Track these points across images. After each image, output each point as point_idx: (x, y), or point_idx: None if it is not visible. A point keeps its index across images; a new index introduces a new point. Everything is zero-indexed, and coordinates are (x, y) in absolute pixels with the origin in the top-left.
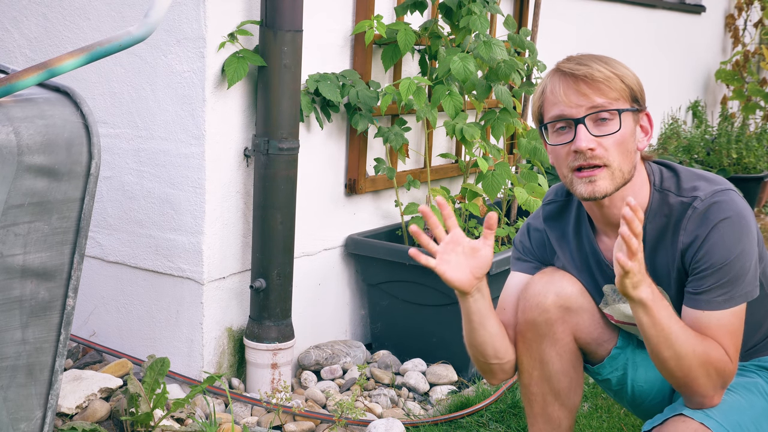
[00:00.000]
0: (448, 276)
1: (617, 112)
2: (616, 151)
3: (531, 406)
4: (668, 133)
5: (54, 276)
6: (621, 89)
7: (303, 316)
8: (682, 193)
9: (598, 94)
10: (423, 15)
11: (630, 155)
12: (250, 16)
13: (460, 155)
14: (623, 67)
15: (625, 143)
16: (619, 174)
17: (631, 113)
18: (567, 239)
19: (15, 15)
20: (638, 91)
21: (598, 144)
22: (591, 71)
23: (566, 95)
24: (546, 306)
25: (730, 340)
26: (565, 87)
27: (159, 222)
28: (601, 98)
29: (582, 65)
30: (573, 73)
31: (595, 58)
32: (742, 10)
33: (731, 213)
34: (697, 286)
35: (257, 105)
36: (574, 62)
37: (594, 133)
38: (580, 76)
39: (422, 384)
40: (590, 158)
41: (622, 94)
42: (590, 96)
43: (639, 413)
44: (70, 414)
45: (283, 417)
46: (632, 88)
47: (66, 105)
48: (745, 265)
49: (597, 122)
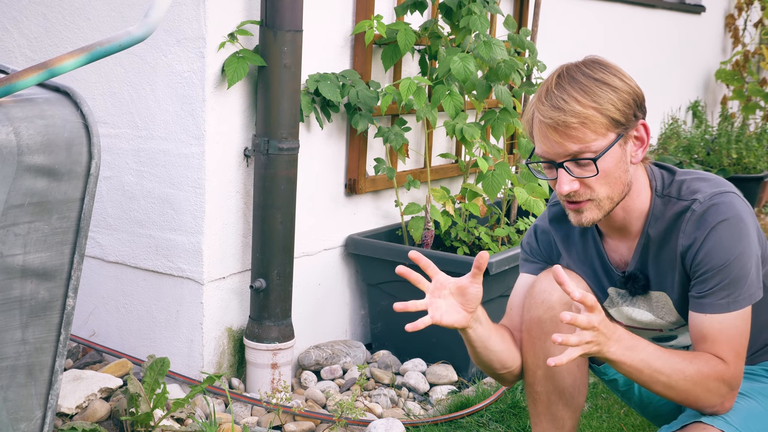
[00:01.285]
0: (444, 321)
1: (593, 157)
2: (599, 186)
3: (535, 405)
4: (668, 133)
5: (54, 276)
6: (602, 123)
7: (303, 316)
8: (682, 197)
9: (573, 141)
10: (423, 15)
11: (620, 179)
12: (250, 16)
13: (460, 155)
14: (608, 88)
15: (608, 176)
16: (608, 202)
17: (619, 139)
18: (572, 240)
19: (15, 15)
20: (625, 111)
21: (581, 184)
22: (565, 117)
23: (545, 141)
24: (552, 303)
25: (732, 344)
26: (543, 134)
27: (159, 222)
28: (577, 145)
29: (557, 109)
30: (547, 122)
31: (576, 89)
32: (742, 10)
33: (729, 215)
34: (699, 289)
35: (257, 105)
36: (549, 105)
37: (575, 175)
38: (553, 125)
39: (422, 384)
40: (575, 196)
41: (604, 127)
42: (565, 144)
43: (647, 415)
44: (70, 414)
45: (283, 417)
46: (612, 116)
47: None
48: (746, 267)
49: (578, 163)
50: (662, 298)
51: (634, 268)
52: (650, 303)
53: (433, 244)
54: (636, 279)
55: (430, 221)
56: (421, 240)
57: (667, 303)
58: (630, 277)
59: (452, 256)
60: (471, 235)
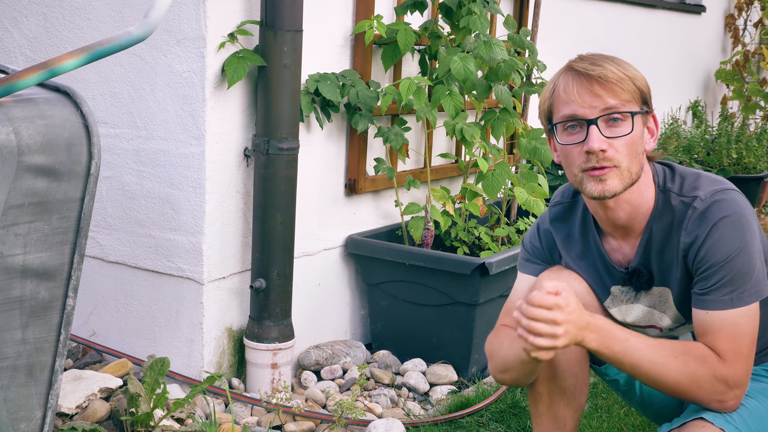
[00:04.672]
0: None
1: (630, 115)
2: (626, 153)
3: (536, 405)
4: (668, 133)
5: (54, 276)
6: (633, 91)
7: (303, 316)
8: (683, 194)
9: (611, 96)
10: (423, 15)
11: (639, 156)
12: (250, 16)
13: (460, 155)
14: (634, 69)
15: (635, 145)
16: (628, 175)
17: (641, 115)
18: (573, 240)
19: (15, 15)
20: (647, 94)
21: (610, 145)
22: (605, 72)
23: (579, 95)
24: None
25: (734, 342)
26: (579, 86)
27: (159, 222)
28: (614, 100)
29: (596, 65)
30: (588, 72)
31: (607, 59)
32: (742, 10)
33: (731, 211)
34: (702, 286)
35: (257, 105)
36: (588, 62)
37: (606, 135)
38: (595, 76)
39: (422, 384)
40: (602, 159)
41: (634, 96)
42: (604, 97)
43: (649, 414)
44: (70, 414)
45: (283, 417)
46: (642, 90)
47: (66, 105)
48: (749, 263)
49: (609, 123)
50: (665, 294)
51: (638, 264)
52: (653, 299)
53: (433, 244)
54: (640, 274)
55: (430, 221)
56: (421, 240)
57: (668, 300)
58: (634, 273)
59: (452, 256)
60: (471, 235)
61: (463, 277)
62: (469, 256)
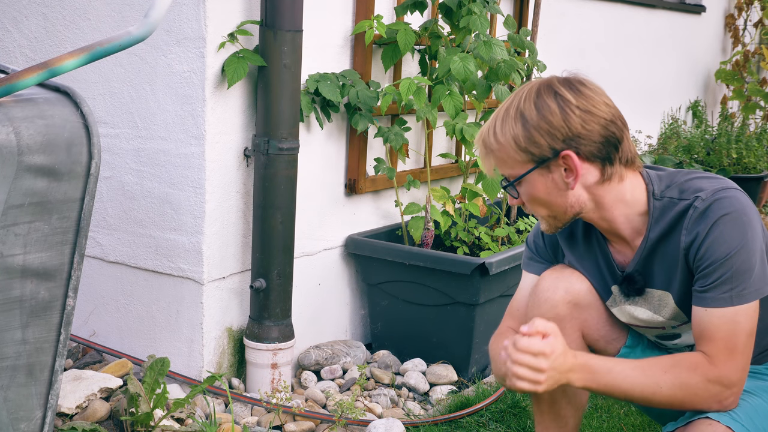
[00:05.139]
0: None
1: (512, 181)
2: (538, 204)
3: (539, 404)
4: (668, 133)
5: (54, 276)
6: (515, 155)
7: (303, 316)
8: (683, 197)
9: (500, 165)
10: (423, 15)
11: (558, 199)
12: (250, 16)
13: (460, 155)
14: (519, 122)
15: (538, 197)
16: (553, 218)
17: (538, 169)
18: (576, 239)
19: (15, 15)
20: (533, 145)
21: (522, 202)
22: (488, 140)
23: (485, 167)
24: (555, 302)
25: (729, 341)
26: (481, 157)
27: (159, 222)
28: (503, 168)
29: (486, 128)
30: (481, 139)
31: (499, 116)
32: (742, 10)
33: (732, 209)
34: (702, 283)
35: (257, 105)
36: (487, 127)
37: (514, 194)
38: (486, 145)
39: (422, 384)
40: (525, 209)
41: (519, 159)
42: (497, 165)
43: (652, 414)
44: (70, 414)
45: (283, 417)
46: (528, 149)
47: (66, 105)
48: (750, 260)
49: (510, 188)
50: (665, 298)
51: (633, 270)
52: (651, 302)
53: (433, 244)
54: (633, 281)
55: (430, 221)
56: (421, 240)
57: (668, 302)
58: (627, 279)
59: (452, 256)
60: (471, 235)
61: (463, 277)
62: (469, 256)
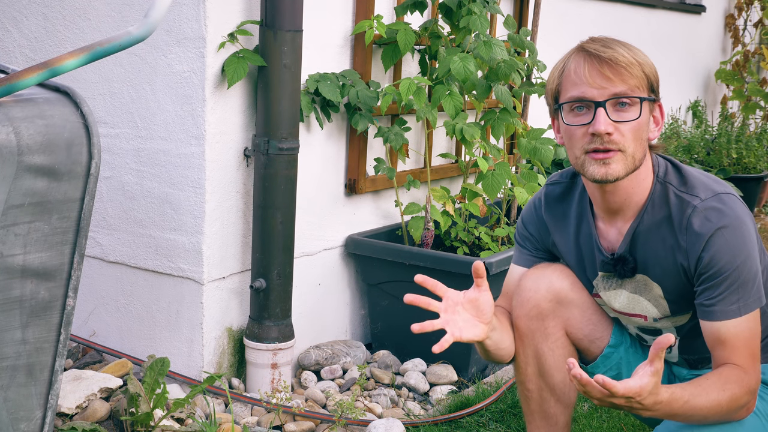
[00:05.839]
0: (464, 337)
1: (638, 100)
2: (631, 138)
3: (528, 404)
4: (668, 133)
5: (54, 276)
6: (641, 77)
7: (303, 316)
8: (682, 189)
9: (621, 80)
10: (423, 15)
11: (643, 143)
12: (250, 16)
13: (460, 155)
14: (644, 55)
15: (640, 131)
16: (632, 160)
17: (648, 102)
18: (568, 221)
19: (15, 15)
20: (656, 82)
21: (616, 129)
22: (616, 55)
23: (590, 77)
24: (537, 300)
25: (749, 348)
26: (590, 68)
27: (159, 222)
28: (624, 85)
29: (607, 48)
30: (599, 54)
31: (618, 43)
32: (742, 10)
33: (732, 218)
34: (708, 296)
35: (257, 105)
36: (600, 44)
37: (613, 118)
38: (606, 59)
39: (422, 384)
40: (607, 142)
41: (642, 83)
42: (614, 80)
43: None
44: (70, 414)
45: (283, 417)
46: (651, 78)
47: (66, 105)
48: (752, 269)
49: (616, 107)
50: (646, 281)
51: (624, 251)
52: (636, 285)
53: (433, 244)
54: (625, 261)
55: (430, 221)
56: (421, 240)
57: (652, 288)
58: (619, 260)
59: (452, 256)
60: (471, 235)
61: (463, 277)
62: (469, 256)
